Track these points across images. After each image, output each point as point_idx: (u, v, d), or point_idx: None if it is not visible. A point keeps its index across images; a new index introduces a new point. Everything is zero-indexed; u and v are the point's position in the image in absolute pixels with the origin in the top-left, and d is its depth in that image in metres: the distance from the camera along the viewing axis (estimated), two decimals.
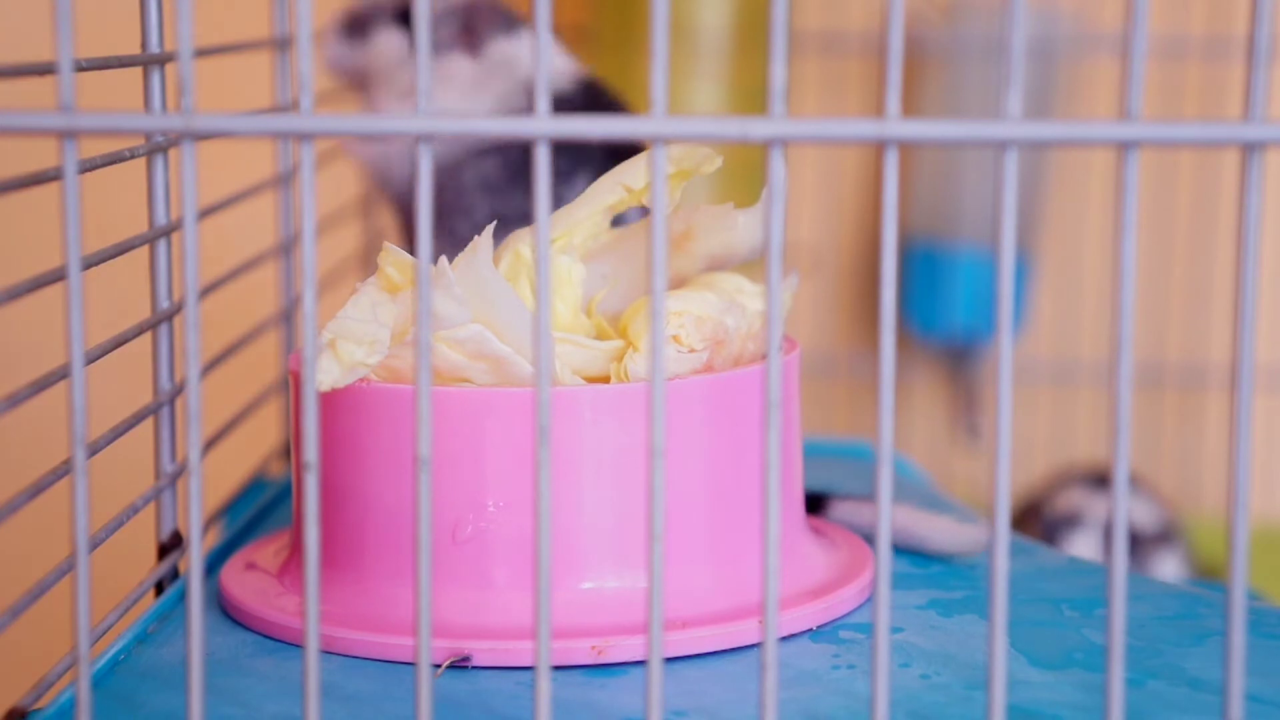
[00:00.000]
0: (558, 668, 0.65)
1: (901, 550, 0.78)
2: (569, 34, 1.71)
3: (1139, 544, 1.64)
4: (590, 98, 0.90)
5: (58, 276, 0.61)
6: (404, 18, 0.91)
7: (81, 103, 0.52)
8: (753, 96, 1.61)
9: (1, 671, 0.77)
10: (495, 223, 0.71)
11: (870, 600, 0.73)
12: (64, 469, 0.64)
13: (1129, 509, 0.52)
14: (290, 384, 0.73)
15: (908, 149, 1.73)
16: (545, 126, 0.50)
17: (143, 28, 0.75)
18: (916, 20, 1.76)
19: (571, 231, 0.74)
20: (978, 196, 1.73)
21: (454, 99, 0.89)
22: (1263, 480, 1.82)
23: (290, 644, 0.69)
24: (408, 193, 0.91)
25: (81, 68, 0.65)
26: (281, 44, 0.92)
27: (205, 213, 0.81)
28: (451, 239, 0.87)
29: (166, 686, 0.65)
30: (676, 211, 0.75)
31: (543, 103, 0.50)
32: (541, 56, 0.49)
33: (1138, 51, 0.49)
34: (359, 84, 0.93)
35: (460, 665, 0.66)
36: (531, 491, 0.66)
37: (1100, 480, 1.67)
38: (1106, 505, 1.63)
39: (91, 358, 0.68)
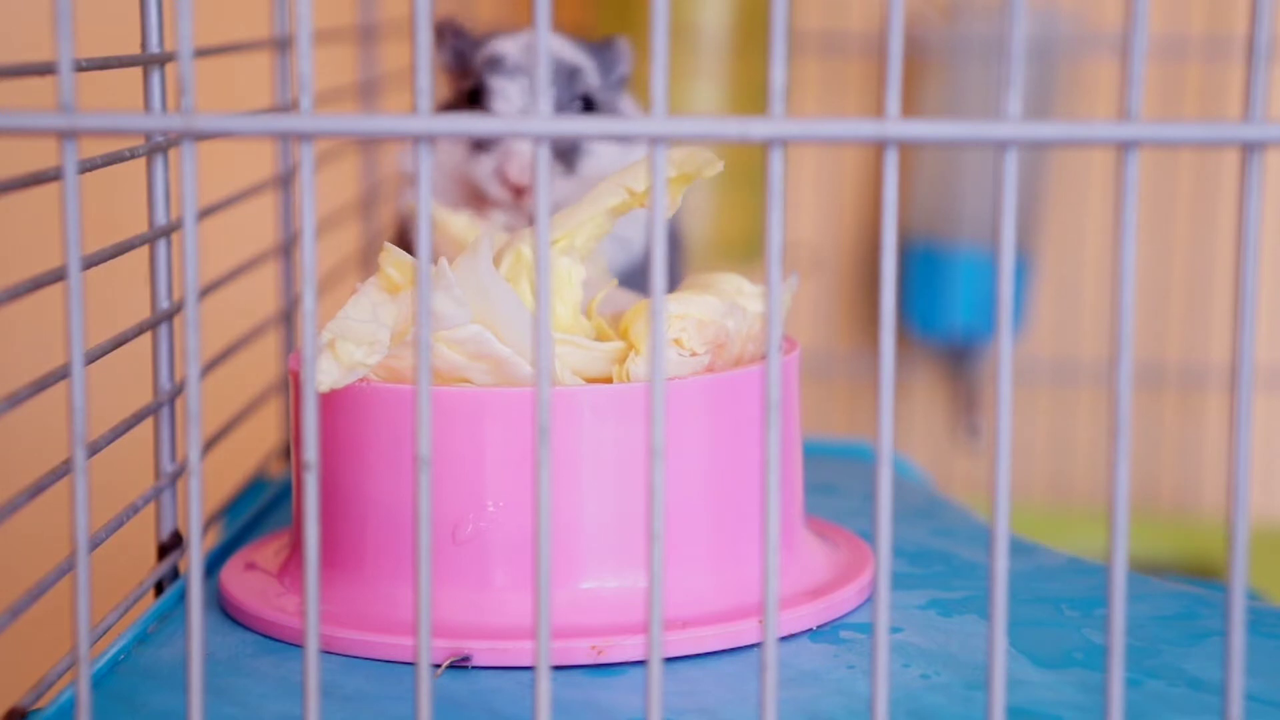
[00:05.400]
0: (558, 668, 0.65)
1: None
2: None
3: None
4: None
5: (58, 276, 0.61)
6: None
7: (81, 103, 0.52)
8: (753, 96, 1.61)
9: (1, 671, 0.77)
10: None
11: (870, 600, 0.73)
12: (64, 469, 0.64)
13: None
14: (290, 384, 0.73)
15: (908, 149, 1.73)
16: (545, 126, 0.50)
17: (143, 28, 0.75)
18: (916, 20, 1.76)
19: (573, 233, 0.74)
20: (978, 196, 1.73)
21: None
22: (1263, 480, 1.82)
23: (290, 644, 0.69)
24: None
25: (81, 68, 0.65)
26: (281, 44, 0.92)
27: (205, 213, 0.81)
28: None
29: (166, 686, 0.65)
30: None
31: (543, 102, 0.50)
32: (542, 55, 0.49)
33: (1138, 51, 0.49)
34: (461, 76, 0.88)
35: (460, 665, 0.66)
36: (531, 491, 0.66)
37: None
38: None
39: (91, 358, 0.68)
